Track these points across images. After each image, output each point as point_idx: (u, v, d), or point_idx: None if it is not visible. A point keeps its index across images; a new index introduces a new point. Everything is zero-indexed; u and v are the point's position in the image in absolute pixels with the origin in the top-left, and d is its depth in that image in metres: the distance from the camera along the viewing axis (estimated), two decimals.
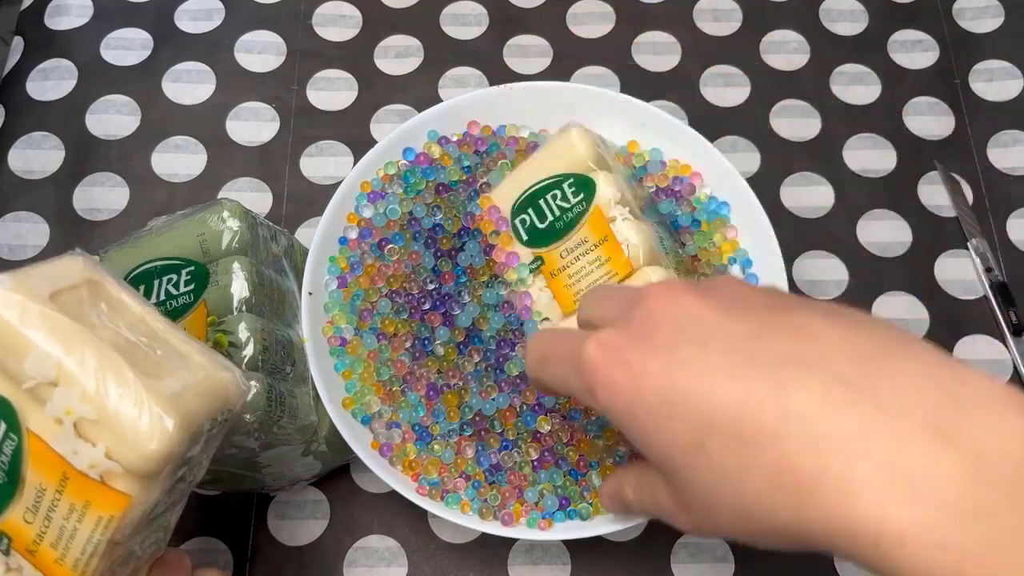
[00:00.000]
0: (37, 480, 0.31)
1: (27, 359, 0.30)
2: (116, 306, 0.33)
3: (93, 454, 0.30)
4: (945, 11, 0.61)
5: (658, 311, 0.29)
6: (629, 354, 0.28)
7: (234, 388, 0.33)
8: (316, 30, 0.60)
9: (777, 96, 0.58)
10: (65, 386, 0.30)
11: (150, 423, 0.30)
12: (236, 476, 0.43)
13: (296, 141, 0.57)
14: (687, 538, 0.46)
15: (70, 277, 0.33)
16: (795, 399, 0.25)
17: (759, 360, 0.26)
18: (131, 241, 0.44)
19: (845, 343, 0.26)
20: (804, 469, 0.24)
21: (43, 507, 0.31)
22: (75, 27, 0.61)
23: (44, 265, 0.33)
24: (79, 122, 0.57)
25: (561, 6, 0.61)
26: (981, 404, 0.24)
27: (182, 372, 0.32)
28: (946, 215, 0.54)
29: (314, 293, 0.45)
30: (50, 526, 0.31)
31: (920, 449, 0.23)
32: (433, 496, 0.42)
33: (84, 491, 0.31)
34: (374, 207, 0.48)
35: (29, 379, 0.30)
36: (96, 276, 0.34)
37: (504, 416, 0.43)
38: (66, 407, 0.30)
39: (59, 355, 0.30)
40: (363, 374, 0.44)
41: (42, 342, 0.30)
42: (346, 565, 0.46)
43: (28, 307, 0.31)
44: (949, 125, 0.57)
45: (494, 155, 0.49)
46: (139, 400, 0.30)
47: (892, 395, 0.24)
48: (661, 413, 0.27)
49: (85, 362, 0.30)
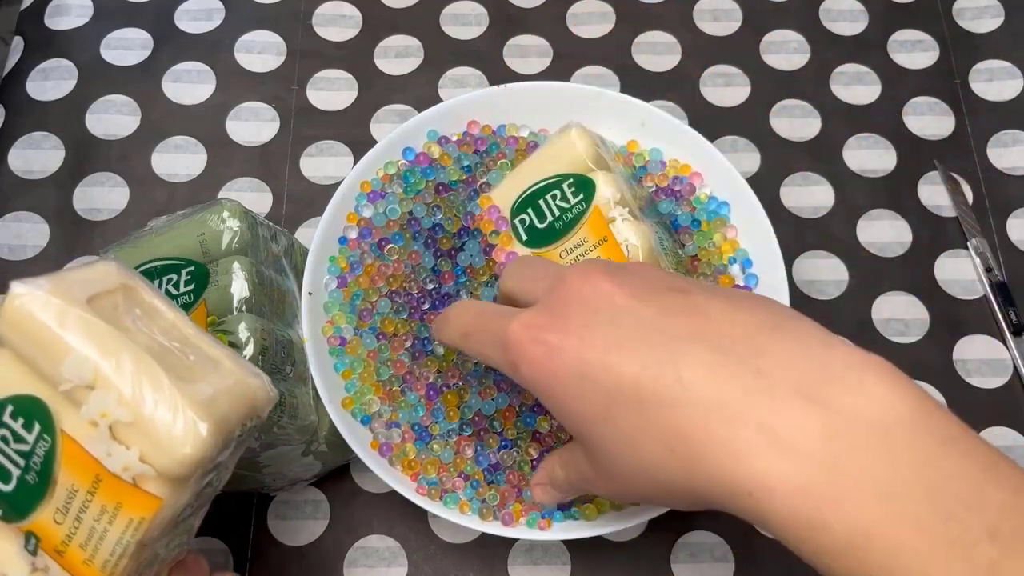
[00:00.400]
0: (69, 481, 0.31)
1: (64, 362, 0.31)
2: (149, 311, 0.34)
3: (127, 457, 0.31)
4: (945, 11, 0.61)
5: (575, 293, 0.32)
6: (548, 334, 0.31)
7: (263, 394, 0.34)
8: (316, 30, 0.60)
9: (777, 96, 0.58)
10: (102, 389, 0.31)
11: (184, 427, 0.30)
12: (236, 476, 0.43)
13: (296, 141, 0.57)
14: (687, 538, 0.46)
15: (105, 282, 0.33)
16: (686, 371, 0.28)
17: (659, 337, 0.29)
18: (131, 241, 0.44)
19: (735, 321, 0.29)
20: (692, 432, 0.28)
21: (74, 508, 0.31)
22: (75, 27, 0.61)
23: (80, 269, 0.34)
24: (79, 122, 0.57)
25: (561, 6, 0.61)
26: (846, 373, 0.27)
27: (214, 377, 0.33)
28: (946, 215, 0.54)
29: (314, 293, 0.45)
30: (80, 527, 0.31)
31: (789, 412, 0.26)
32: (433, 496, 0.42)
33: (116, 493, 0.31)
34: (374, 207, 0.48)
35: (65, 382, 0.31)
36: (130, 282, 0.34)
37: (504, 416, 0.43)
38: (102, 410, 0.31)
39: (96, 359, 0.31)
40: (363, 374, 0.44)
41: (80, 346, 0.31)
42: (346, 565, 0.46)
43: (66, 311, 0.31)
44: (949, 125, 0.57)
45: (494, 155, 0.49)
46: (174, 405, 0.30)
47: (770, 366, 0.28)
48: (575, 387, 0.30)
49: (122, 367, 0.31)
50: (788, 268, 0.47)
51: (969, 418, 0.51)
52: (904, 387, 0.27)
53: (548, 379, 0.31)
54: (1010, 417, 0.49)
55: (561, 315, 0.31)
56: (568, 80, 0.58)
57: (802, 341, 0.28)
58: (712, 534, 0.46)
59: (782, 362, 0.28)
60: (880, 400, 0.26)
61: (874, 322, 0.51)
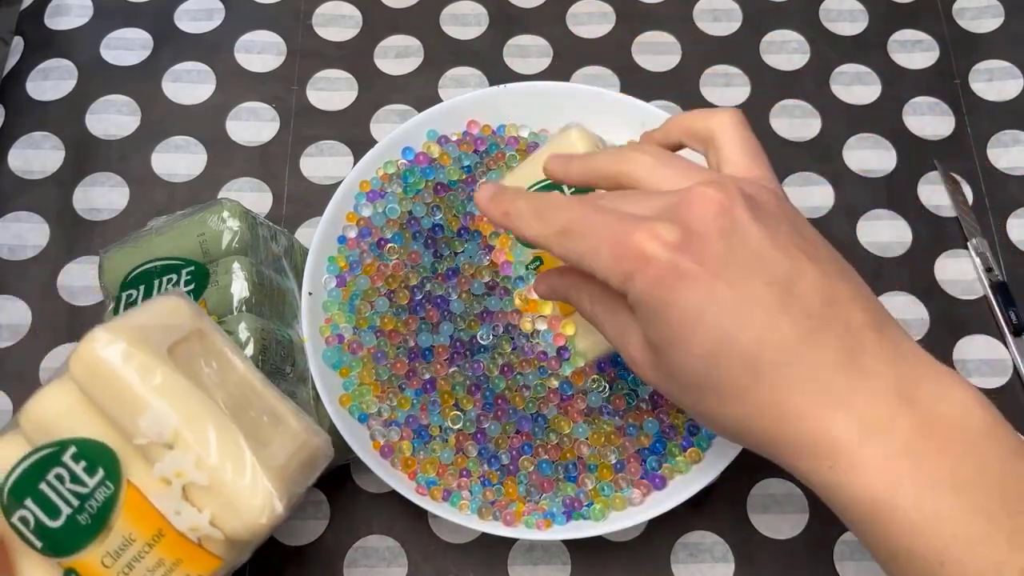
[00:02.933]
0: (127, 530, 0.32)
1: (142, 418, 0.31)
2: (222, 361, 0.34)
3: (197, 519, 0.31)
4: (945, 11, 0.61)
5: (711, 220, 0.30)
6: (682, 256, 0.30)
7: (322, 455, 0.35)
8: (316, 30, 0.60)
9: (777, 96, 0.58)
10: (180, 450, 0.31)
11: (262, 500, 0.31)
12: None
13: (296, 141, 0.57)
14: (687, 538, 0.46)
15: (182, 327, 0.33)
16: (809, 355, 0.30)
17: (789, 308, 0.30)
18: (131, 241, 0.44)
19: (854, 311, 0.31)
20: (791, 405, 0.30)
21: (127, 556, 0.32)
22: (75, 27, 0.61)
23: (152, 309, 0.34)
24: (79, 122, 0.57)
25: (561, 6, 0.61)
26: (935, 381, 0.30)
27: (284, 439, 0.33)
28: (946, 215, 0.54)
29: (314, 293, 0.45)
30: (130, 574, 0.32)
31: (885, 407, 0.29)
32: (433, 496, 0.42)
33: (178, 550, 0.32)
34: (374, 206, 0.48)
35: (142, 436, 0.31)
36: (203, 325, 0.34)
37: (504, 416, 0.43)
38: (177, 470, 0.31)
39: (178, 421, 0.31)
40: (362, 373, 0.44)
41: (162, 405, 0.31)
42: (346, 565, 0.46)
43: (150, 367, 0.31)
44: (949, 125, 0.57)
45: (494, 155, 0.49)
46: (253, 475, 0.31)
47: (873, 364, 0.30)
48: (690, 320, 0.30)
49: (205, 433, 0.31)
50: None
51: None
52: (982, 401, 0.30)
53: (663, 303, 0.30)
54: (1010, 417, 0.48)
55: (699, 240, 0.30)
56: (568, 80, 0.58)
57: (900, 347, 0.31)
58: (712, 534, 0.46)
59: (883, 362, 0.30)
60: (963, 408, 0.29)
61: None
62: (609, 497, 0.42)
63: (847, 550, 0.46)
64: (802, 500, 0.47)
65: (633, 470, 0.42)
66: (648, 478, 0.42)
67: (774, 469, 0.48)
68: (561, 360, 0.43)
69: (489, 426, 0.43)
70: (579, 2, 0.61)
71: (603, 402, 0.43)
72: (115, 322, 0.32)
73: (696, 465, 0.43)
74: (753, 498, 0.47)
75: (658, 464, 0.43)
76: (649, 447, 0.43)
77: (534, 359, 0.43)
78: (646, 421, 0.43)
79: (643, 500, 0.42)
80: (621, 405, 0.43)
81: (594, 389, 0.43)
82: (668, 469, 0.42)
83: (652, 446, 0.43)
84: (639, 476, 0.42)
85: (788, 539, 0.46)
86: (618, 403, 0.43)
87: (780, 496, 0.47)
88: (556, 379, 0.43)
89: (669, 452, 0.43)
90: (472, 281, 0.45)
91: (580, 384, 0.43)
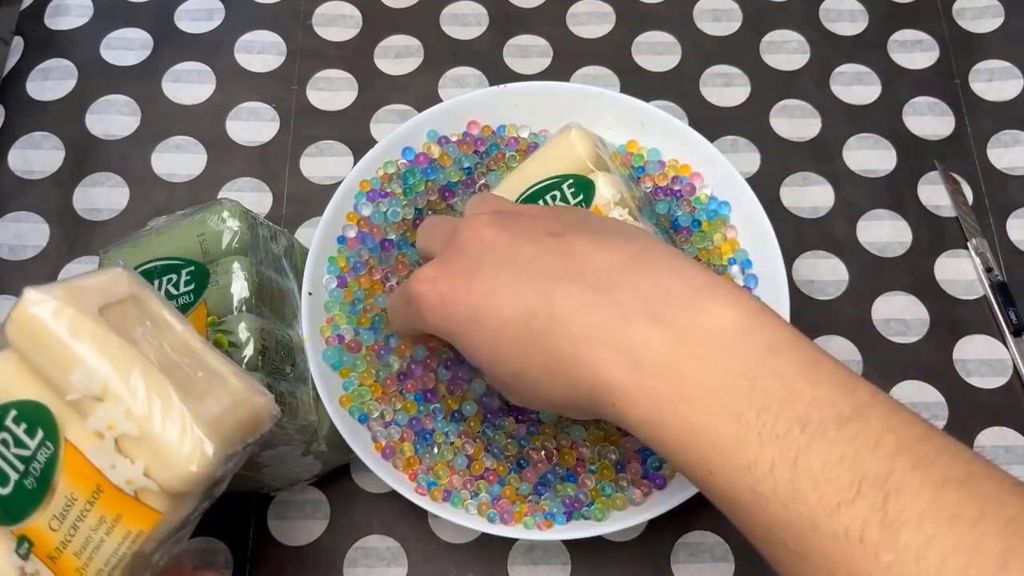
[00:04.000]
0: (68, 489, 0.31)
1: (74, 372, 0.31)
2: (159, 323, 0.34)
3: (131, 471, 0.31)
4: (945, 11, 0.61)
5: (464, 244, 0.35)
6: (440, 284, 0.35)
7: (266, 414, 0.34)
8: (316, 30, 0.60)
9: (777, 96, 0.58)
10: (110, 402, 0.31)
11: (192, 446, 0.31)
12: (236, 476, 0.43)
13: (296, 141, 0.57)
14: (687, 538, 0.46)
15: (117, 292, 0.33)
16: (558, 305, 0.32)
17: (535, 278, 0.33)
18: (131, 241, 0.44)
19: (600, 259, 0.33)
20: (565, 358, 0.31)
21: (71, 516, 0.31)
22: (75, 27, 0.61)
23: (91, 277, 0.34)
24: (79, 122, 0.57)
25: (561, 6, 0.61)
26: (692, 295, 0.31)
27: (221, 394, 0.33)
28: (946, 215, 0.54)
29: (314, 293, 0.45)
30: (76, 535, 0.32)
31: (638, 332, 0.30)
32: (433, 496, 0.42)
33: (117, 505, 0.31)
34: (373, 206, 0.48)
35: (74, 391, 0.31)
36: (141, 291, 0.34)
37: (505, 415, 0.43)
38: (109, 422, 0.31)
39: (107, 372, 0.31)
40: (362, 373, 0.44)
41: (91, 358, 0.31)
42: (346, 565, 0.46)
43: (79, 321, 0.31)
44: (949, 125, 0.57)
45: (494, 155, 0.49)
46: (183, 422, 0.31)
47: (624, 295, 0.31)
48: (469, 328, 0.34)
49: (133, 381, 0.31)
50: (788, 268, 0.47)
51: (969, 418, 0.51)
52: (740, 302, 0.30)
53: (446, 324, 0.35)
54: (1010, 417, 0.49)
55: (452, 266, 0.35)
56: (568, 80, 0.58)
57: (654, 271, 0.32)
58: (712, 534, 0.46)
59: (634, 290, 0.31)
60: (717, 315, 0.30)
61: (874, 322, 0.51)
62: (609, 497, 0.42)
63: None
64: None
65: (633, 470, 0.42)
66: (648, 478, 0.42)
67: None
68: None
69: (489, 426, 0.43)
70: (579, 2, 0.61)
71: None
72: (47, 284, 0.32)
73: None
74: None
75: (659, 464, 0.43)
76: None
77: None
78: None
79: (643, 500, 0.42)
80: None
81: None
82: (669, 469, 0.42)
83: None
84: (639, 476, 0.42)
85: None
86: None
87: None
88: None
89: None
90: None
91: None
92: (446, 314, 0.34)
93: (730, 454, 0.28)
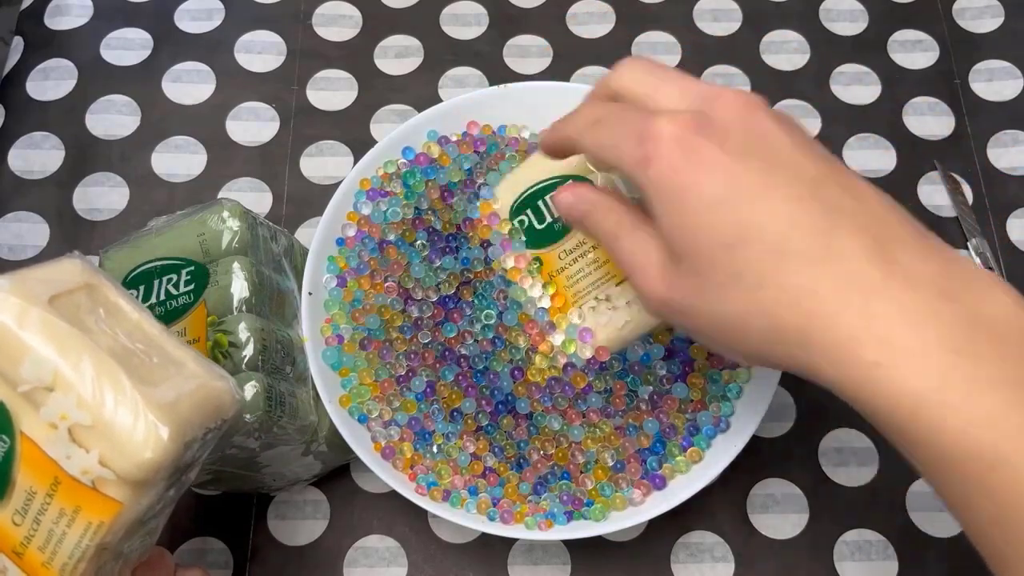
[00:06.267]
0: (28, 483, 0.31)
1: (24, 363, 0.30)
2: (113, 311, 0.33)
3: (86, 460, 0.30)
4: (945, 11, 0.61)
5: (736, 116, 0.30)
6: (701, 142, 0.29)
7: (228, 397, 0.34)
8: (316, 30, 0.60)
9: (777, 96, 0.58)
10: (61, 391, 0.30)
11: (145, 432, 0.30)
12: (236, 476, 0.43)
13: (296, 141, 0.57)
14: (687, 538, 0.46)
15: (68, 281, 0.33)
16: (837, 241, 0.28)
17: (817, 203, 0.29)
18: (131, 241, 0.44)
19: (884, 212, 0.29)
20: (827, 294, 0.28)
21: (32, 510, 0.31)
22: (75, 27, 0.61)
23: (42, 268, 0.33)
24: (79, 122, 0.57)
25: (561, 6, 0.61)
26: (978, 280, 0.28)
27: (177, 380, 0.32)
28: (946, 215, 0.54)
29: (314, 293, 0.45)
30: (39, 529, 0.31)
31: (924, 300, 0.27)
32: (433, 496, 0.42)
33: (75, 496, 0.31)
34: (374, 206, 0.48)
35: (24, 383, 0.30)
36: (94, 280, 0.34)
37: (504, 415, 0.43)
38: (61, 412, 0.30)
39: (56, 361, 0.30)
40: (362, 373, 0.44)
41: (39, 347, 0.30)
42: (346, 565, 0.46)
43: (26, 310, 0.31)
44: (949, 125, 0.57)
45: (494, 155, 0.49)
46: (135, 408, 0.30)
47: (911, 260, 0.28)
48: (708, 207, 0.29)
49: (82, 369, 0.30)
50: None
51: None
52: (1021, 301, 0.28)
53: (679, 188, 0.29)
54: None
55: (721, 127, 0.30)
56: (568, 80, 0.58)
57: (942, 251, 0.29)
58: (712, 534, 0.46)
59: (921, 260, 0.28)
60: (1009, 310, 0.28)
61: None
62: (609, 497, 0.42)
63: (847, 550, 0.46)
64: (802, 500, 0.47)
65: (633, 470, 0.42)
66: (648, 478, 0.42)
67: (774, 469, 0.48)
68: (567, 355, 0.43)
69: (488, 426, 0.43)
70: (579, 2, 0.61)
71: (603, 402, 0.43)
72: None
73: (696, 465, 0.43)
74: (753, 498, 0.47)
75: (658, 464, 0.43)
76: (649, 447, 0.43)
77: (536, 357, 0.43)
78: (646, 421, 0.43)
79: (643, 500, 0.42)
80: (621, 405, 0.43)
81: (595, 390, 0.43)
82: (668, 469, 0.42)
83: (652, 446, 0.43)
84: (639, 476, 0.42)
85: (788, 539, 0.46)
86: (618, 403, 0.43)
87: (780, 496, 0.47)
88: (545, 359, 0.42)
89: (669, 452, 0.43)
90: (474, 280, 0.45)
91: (581, 385, 0.43)
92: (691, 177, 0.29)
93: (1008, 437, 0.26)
